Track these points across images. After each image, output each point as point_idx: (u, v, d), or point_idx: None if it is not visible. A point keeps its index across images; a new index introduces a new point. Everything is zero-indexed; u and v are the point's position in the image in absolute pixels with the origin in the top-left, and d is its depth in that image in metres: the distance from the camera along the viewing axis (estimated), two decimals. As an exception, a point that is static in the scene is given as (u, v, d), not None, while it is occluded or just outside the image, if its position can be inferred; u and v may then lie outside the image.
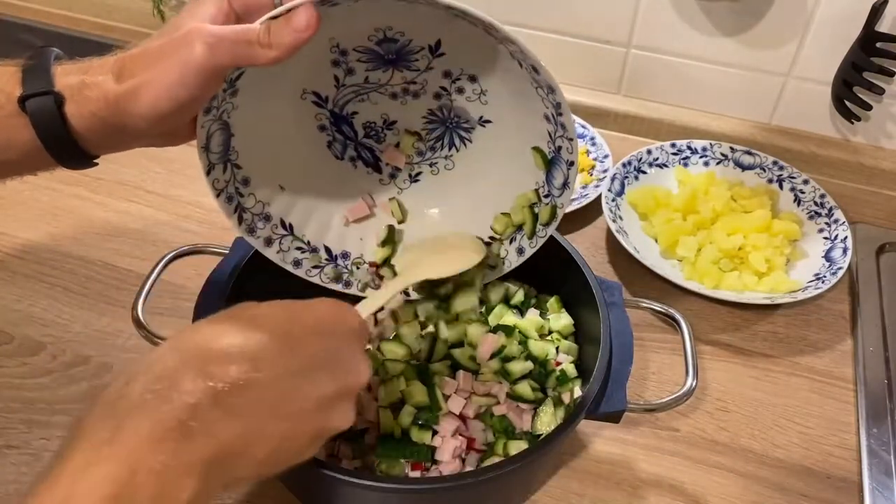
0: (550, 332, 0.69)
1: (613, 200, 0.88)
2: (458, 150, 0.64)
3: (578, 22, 0.99)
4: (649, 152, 0.94)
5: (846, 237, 0.83)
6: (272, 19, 0.46)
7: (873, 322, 0.79)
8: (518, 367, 0.64)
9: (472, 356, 0.65)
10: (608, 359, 0.59)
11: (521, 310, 0.71)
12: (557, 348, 0.67)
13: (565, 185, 0.58)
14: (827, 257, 0.83)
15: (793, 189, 0.91)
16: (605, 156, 0.96)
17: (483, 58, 0.56)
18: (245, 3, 0.50)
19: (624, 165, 0.92)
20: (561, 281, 0.69)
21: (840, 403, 0.72)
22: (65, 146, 0.49)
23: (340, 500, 0.60)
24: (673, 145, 0.96)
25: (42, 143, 0.49)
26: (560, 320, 0.68)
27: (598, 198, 0.87)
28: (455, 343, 0.65)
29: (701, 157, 0.95)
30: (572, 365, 0.66)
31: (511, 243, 0.64)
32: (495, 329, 0.67)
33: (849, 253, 0.81)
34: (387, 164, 0.66)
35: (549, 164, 0.59)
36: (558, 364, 0.65)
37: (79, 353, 0.74)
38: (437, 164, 0.66)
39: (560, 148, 0.56)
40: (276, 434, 0.40)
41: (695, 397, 0.71)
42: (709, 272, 0.80)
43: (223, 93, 0.51)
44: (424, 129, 0.63)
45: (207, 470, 0.37)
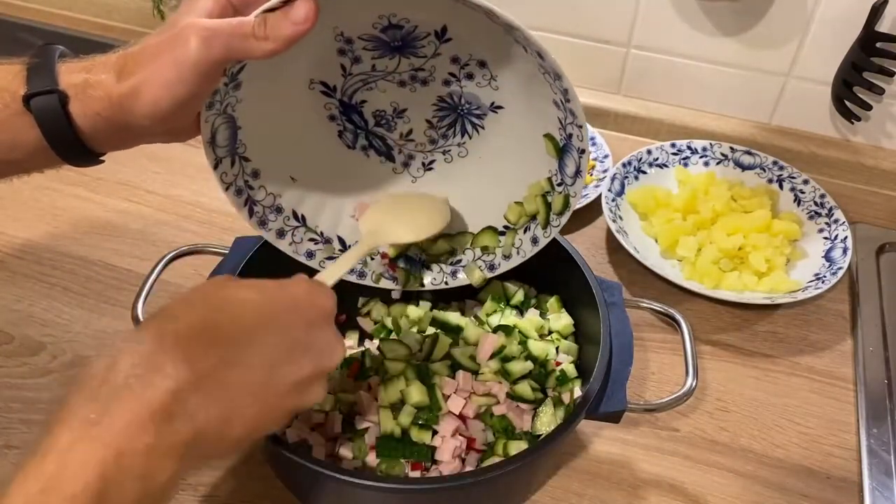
0: (550, 332, 0.69)
1: (613, 200, 0.88)
2: (471, 138, 0.64)
3: (578, 22, 0.99)
4: (649, 152, 0.94)
5: (846, 237, 0.83)
6: (269, 11, 0.45)
7: (873, 322, 0.79)
8: (518, 367, 0.64)
9: (472, 356, 0.65)
10: (608, 359, 0.59)
11: (521, 310, 0.71)
12: (557, 348, 0.67)
13: (577, 174, 0.57)
14: (827, 257, 0.83)
15: (793, 189, 0.91)
16: (605, 156, 0.96)
17: (491, 43, 0.56)
18: None
19: (624, 165, 0.92)
20: (561, 281, 0.69)
21: (840, 403, 0.72)
22: (70, 144, 0.49)
23: (340, 500, 0.60)
24: (673, 145, 0.96)
25: (47, 142, 0.49)
26: (560, 320, 0.68)
27: (598, 198, 0.87)
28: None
29: (701, 157, 0.95)
30: (572, 365, 0.66)
31: (525, 233, 0.64)
32: (495, 329, 0.67)
33: (849, 253, 0.81)
34: (400, 152, 0.65)
35: (561, 152, 0.58)
36: (558, 364, 0.65)
37: (79, 353, 0.74)
38: (451, 152, 0.65)
39: (571, 135, 0.55)
40: (253, 415, 0.41)
41: (695, 397, 0.71)
42: (709, 272, 0.80)
43: (225, 87, 0.51)
44: (436, 117, 0.63)
45: (186, 451, 0.38)
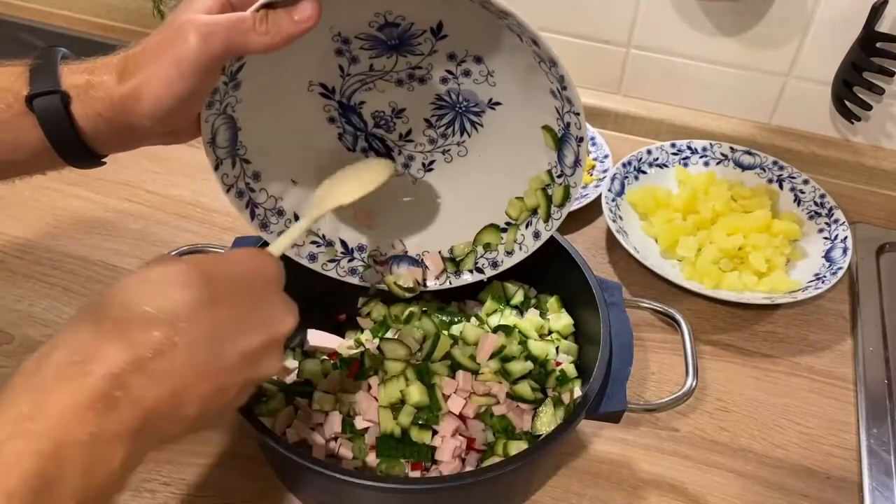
0: (550, 332, 0.69)
1: (613, 200, 0.88)
2: (470, 136, 0.64)
3: (578, 22, 0.99)
4: (649, 152, 0.94)
5: (846, 237, 0.83)
6: (268, 7, 0.46)
7: (873, 322, 0.79)
8: (518, 367, 0.64)
9: (472, 356, 0.65)
10: (608, 359, 0.59)
11: (521, 310, 0.71)
12: (557, 348, 0.67)
13: (577, 163, 0.57)
14: (827, 257, 0.83)
15: (793, 189, 0.91)
16: (605, 156, 0.96)
17: (487, 37, 0.56)
18: None
19: (624, 165, 0.92)
20: (561, 281, 0.69)
21: (840, 403, 0.72)
22: (72, 145, 0.49)
23: (340, 500, 0.60)
24: (673, 145, 0.96)
25: (50, 143, 0.49)
26: (560, 320, 0.68)
27: (598, 198, 0.87)
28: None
29: (701, 157, 0.95)
30: (572, 365, 0.66)
31: (527, 227, 0.64)
32: (495, 329, 0.67)
33: (849, 253, 0.81)
34: (400, 153, 0.65)
35: (560, 143, 0.58)
36: (558, 364, 0.65)
37: (79, 353, 0.74)
38: (450, 151, 0.65)
39: (569, 124, 0.55)
40: (203, 392, 0.40)
41: (695, 397, 0.71)
42: (709, 272, 0.80)
43: (224, 86, 0.51)
44: (434, 116, 0.63)
45: (136, 436, 0.37)
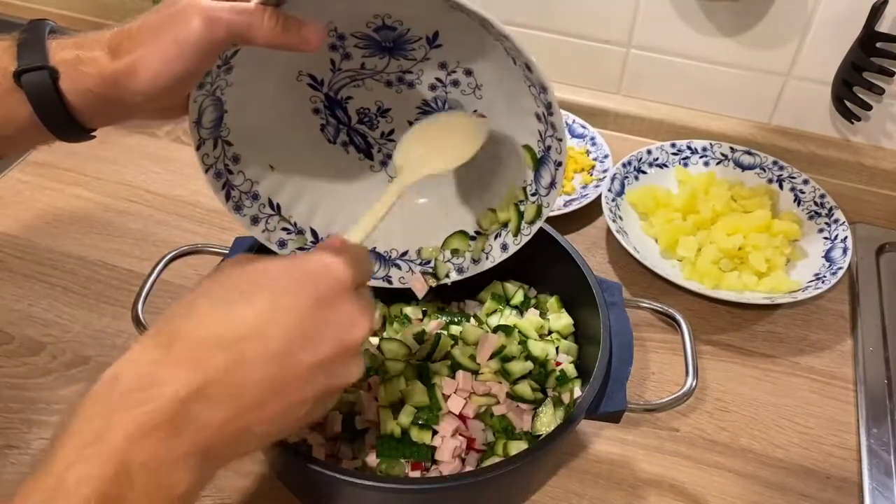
0: (550, 332, 0.69)
1: (613, 200, 0.88)
2: None
3: (578, 22, 0.99)
4: (649, 152, 0.94)
5: (846, 237, 0.83)
6: (274, 4, 0.46)
7: (873, 322, 0.79)
8: (518, 367, 0.64)
9: (472, 356, 0.65)
10: (608, 359, 0.59)
11: (521, 310, 0.71)
12: (557, 348, 0.67)
13: (552, 185, 0.58)
14: (827, 257, 0.83)
15: (793, 189, 0.91)
16: (605, 156, 0.96)
17: (479, 52, 0.56)
18: None
19: (624, 165, 0.92)
20: (561, 281, 0.69)
21: (840, 403, 0.72)
22: (62, 121, 0.49)
23: (340, 500, 0.60)
24: (673, 145, 0.95)
25: (39, 118, 0.49)
26: (560, 320, 0.68)
27: (598, 198, 0.87)
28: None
29: (701, 157, 0.95)
30: (572, 365, 0.66)
31: (496, 239, 0.64)
32: (495, 329, 0.67)
33: (849, 253, 0.81)
34: (379, 151, 0.66)
35: (538, 163, 0.59)
36: (558, 364, 0.65)
37: (79, 353, 0.74)
38: None
39: (549, 147, 0.56)
40: (274, 409, 0.39)
41: (695, 397, 0.71)
42: (709, 272, 0.80)
43: (217, 69, 0.52)
44: (418, 119, 0.63)
45: (202, 459, 0.36)
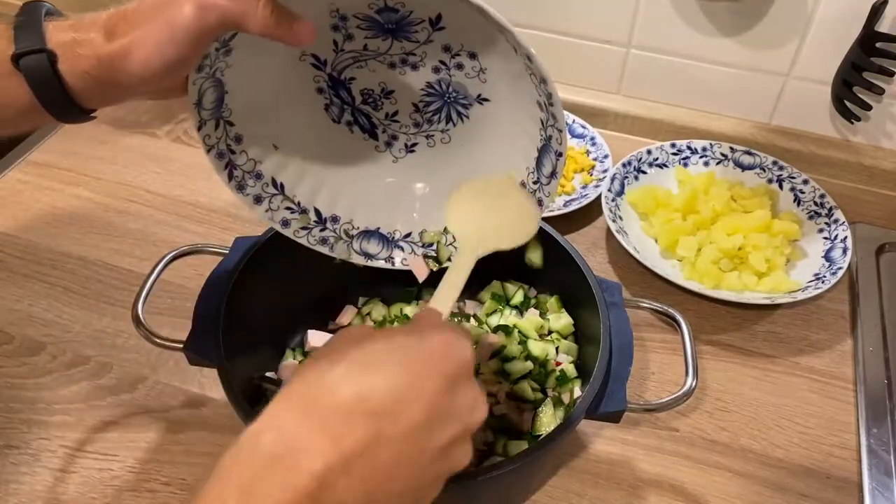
0: (550, 332, 0.69)
1: (613, 200, 0.88)
2: (456, 125, 0.64)
3: (578, 22, 0.99)
4: (649, 152, 0.94)
5: (846, 237, 0.83)
6: None
7: (873, 322, 0.79)
8: (518, 367, 0.64)
9: (472, 356, 0.65)
10: (608, 359, 0.59)
11: (521, 310, 0.71)
12: (557, 348, 0.67)
13: (553, 175, 0.57)
14: (827, 257, 0.83)
15: (793, 189, 0.91)
16: (605, 156, 0.96)
17: (483, 36, 0.56)
18: None
19: (624, 165, 0.92)
20: (561, 281, 0.69)
21: (840, 403, 0.72)
22: (62, 104, 0.49)
23: (340, 500, 0.60)
24: (673, 145, 0.96)
25: (39, 101, 0.49)
26: (560, 320, 0.68)
27: (598, 198, 0.87)
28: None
29: (701, 157, 0.95)
30: (572, 365, 0.66)
31: None
32: (495, 329, 0.67)
33: (849, 253, 0.81)
34: (384, 131, 0.65)
35: (539, 151, 0.58)
36: (558, 364, 0.65)
37: (79, 353, 0.74)
38: (434, 137, 0.65)
39: (551, 137, 0.56)
40: (398, 491, 0.39)
41: (695, 397, 0.71)
42: (709, 272, 0.80)
43: (216, 52, 0.51)
44: (422, 101, 0.63)
45: None
